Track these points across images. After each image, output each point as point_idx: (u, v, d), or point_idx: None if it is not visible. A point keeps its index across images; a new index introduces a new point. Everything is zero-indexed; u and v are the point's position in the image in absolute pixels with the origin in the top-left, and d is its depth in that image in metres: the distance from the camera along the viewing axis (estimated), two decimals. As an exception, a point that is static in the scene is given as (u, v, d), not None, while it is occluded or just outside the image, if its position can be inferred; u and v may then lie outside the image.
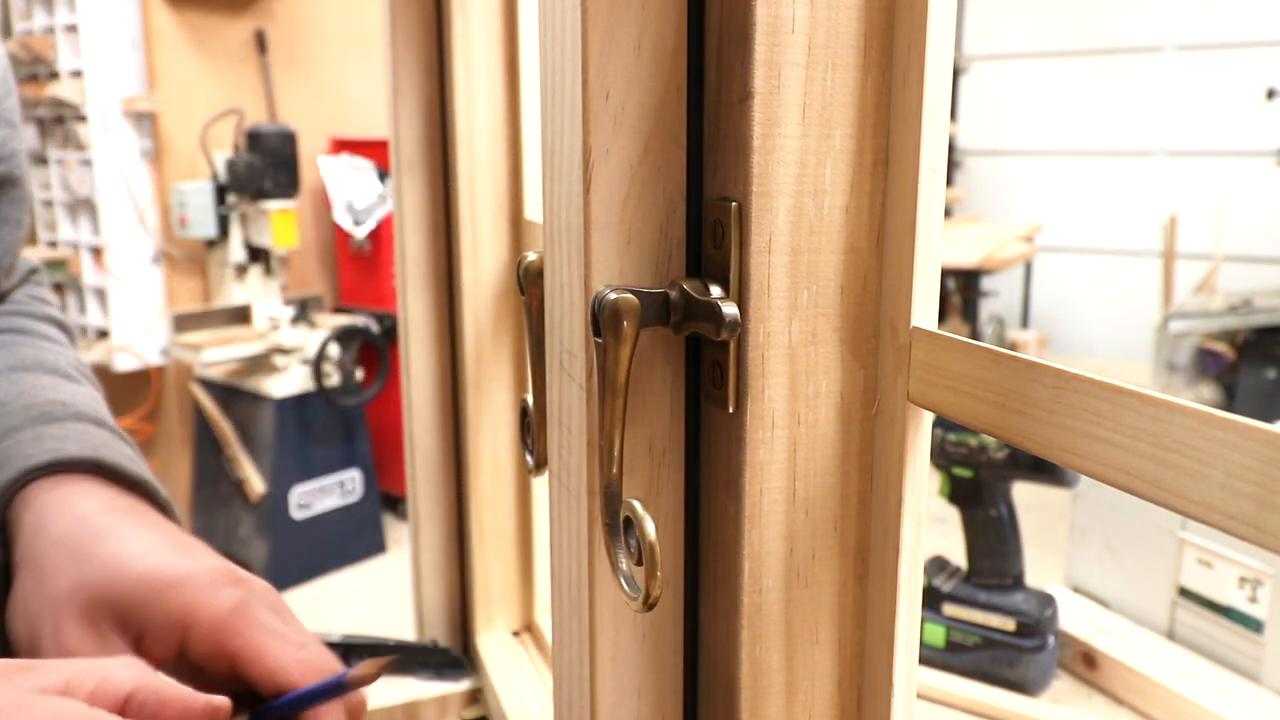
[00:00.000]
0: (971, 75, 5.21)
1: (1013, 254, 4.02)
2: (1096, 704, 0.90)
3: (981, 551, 0.95)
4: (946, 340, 0.34)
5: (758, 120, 0.35)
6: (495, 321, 0.80)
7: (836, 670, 0.41)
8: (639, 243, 0.38)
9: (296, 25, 3.44)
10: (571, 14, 0.36)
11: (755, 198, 0.35)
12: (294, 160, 3.19)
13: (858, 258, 0.37)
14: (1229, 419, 0.25)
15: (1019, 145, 5.14)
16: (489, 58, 0.76)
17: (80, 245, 3.17)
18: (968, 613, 0.93)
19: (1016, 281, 5.03)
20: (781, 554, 0.38)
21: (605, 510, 0.37)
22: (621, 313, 0.36)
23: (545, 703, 0.77)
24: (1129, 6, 4.74)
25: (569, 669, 0.43)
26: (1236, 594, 0.92)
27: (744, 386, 0.37)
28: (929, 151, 0.35)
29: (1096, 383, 0.28)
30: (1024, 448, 0.31)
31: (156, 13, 3.11)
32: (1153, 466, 0.27)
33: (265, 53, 3.36)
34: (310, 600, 2.94)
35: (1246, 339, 3.38)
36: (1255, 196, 4.45)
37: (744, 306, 0.36)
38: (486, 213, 0.78)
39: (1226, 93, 4.52)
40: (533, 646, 0.85)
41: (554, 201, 0.40)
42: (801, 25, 0.34)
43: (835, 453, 0.38)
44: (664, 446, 0.40)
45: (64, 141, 3.18)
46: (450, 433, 0.87)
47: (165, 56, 3.15)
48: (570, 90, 0.37)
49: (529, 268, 0.48)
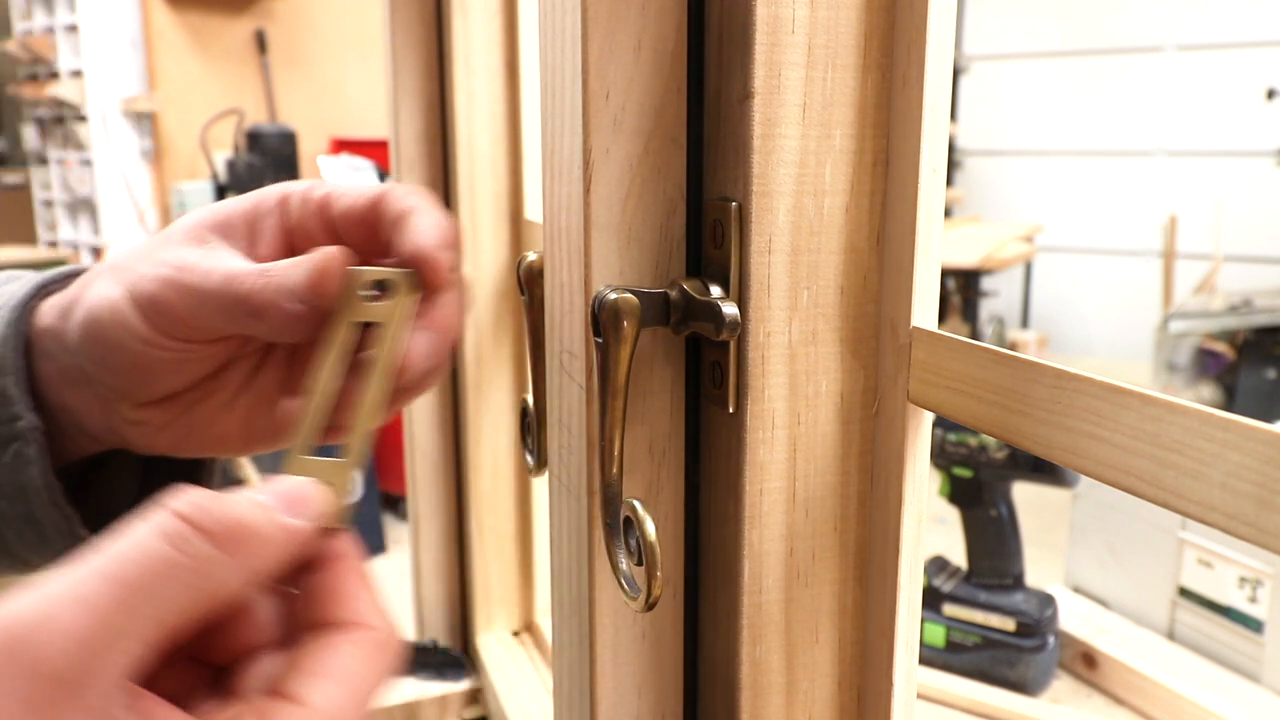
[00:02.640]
0: (971, 75, 5.21)
1: (1013, 254, 4.02)
2: (1096, 704, 0.90)
3: (981, 551, 0.95)
4: (946, 340, 0.34)
5: (758, 120, 0.35)
6: (495, 321, 0.80)
7: (836, 670, 0.41)
8: (639, 243, 0.38)
9: (296, 25, 3.44)
10: (571, 14, 0.36)
11: (755, 198, 0.35)
12: (294, 160, 3.19)
13: (858, 258, 0.37)
14: (1229, 419, 0.25)
15: (1019, 145, 5.14)
16: (489, 58, 0.76)
17: (80, 245, 3.17)
18: (968, 613, 0.93)
19: (1016, 281, 5.03)
20: (781, 554, 0.38)
21: (605, 510, 0.37)
22: (621, 313, 0.36)
23: (545, 703, 0.77)
24: (1129, 6, 4.74)
25: (569, 669, 0.43)
26: (1236, 594, 0.92)
27: (744, 386, 0.37)
28: (929, 151, 0.35)
29: (1096, 383, 0.28)
30: (1024, 448, 0.31)
31: (156, 13, 3.11)
32: (1153, 466, 0.27)
33: (265, 53, 3.36)
34: (310, 600, 2.94)
35: (1246, 339, 3.38)
36: (1255, 196, 4.45)
37: (744, 306, 0.36)
38: (486, 213, 0.78)
39: (1226, 93, 4.51)
40: (533, 646, 0.85)
41: (554, 201, 0.40)
42: (801, 25, 0.35)
43: (835, 453, 0.38)
44: (664, 446, 0.40)
45: (64, 141, 3.18)
46: (450, 433, 0.87)
47: (165, 56, 3.15)
48: (570, 90, 0.37)
49: (529, 268, 0.48)
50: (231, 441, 0.41)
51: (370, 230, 0.38)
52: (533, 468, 0.50)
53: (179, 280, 0.36)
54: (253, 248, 0.39)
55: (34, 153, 3.39)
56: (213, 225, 0.38)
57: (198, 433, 0.40)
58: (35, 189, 3.43)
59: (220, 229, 0.38)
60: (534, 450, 0.50)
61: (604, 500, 0.37)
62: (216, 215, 0.39)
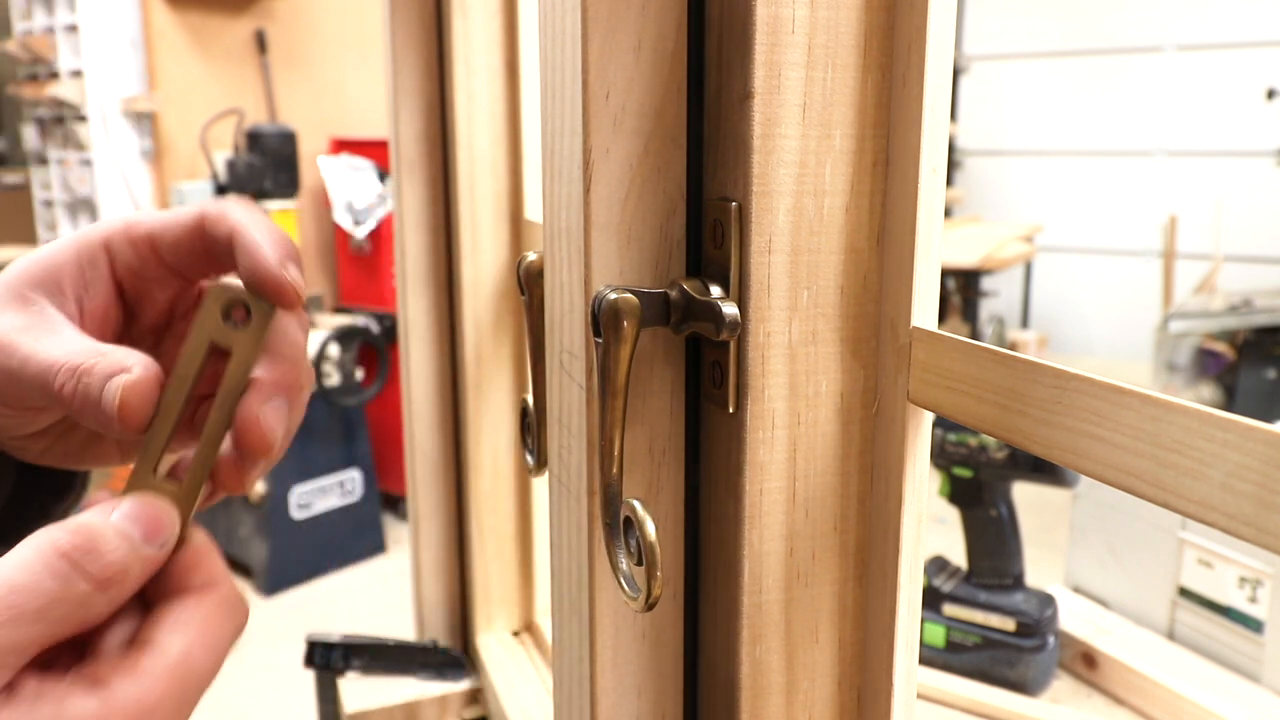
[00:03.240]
0: (971, 75, 5.21)
1: (1013, 254, 4.02)
2: (1096, 704, 0.90)
3: (981, 551, 0.95)
4: (946, 340, 0.34)
5: (758, 120, 0.35)
6: (495, 321, 0.80)
7: (836, 670, 0.41)
8: (639, 242, 0.38)
9: (296, 25, 3.44)
10: (571, 14, 0.36)
11: (755, 198, 0.35)
12: (294, 160, 3.19)
13: (858, 258, 0.37)
14: (1229, 419, 0.25)
15: (1019, 145, 5.14)
16: (489, 58, 0.76)
17: (80, 245, 3.16)
18: (968, 613, 0.93)
19: (1016, 281, 5.03)
20: (781, 554, 0.38)
21: (605, 510, 0.37)
22: (621, 313, 0.36)
23: (545, 703, 0.77)
24: (1129, 6, 4.74)
25: (569, 669, 0.43)
26: (1236, 594, 0.92)
27: (744, 386, 0.37)
28: (929, 151, 0.35)
29: (1096, 383, 0.28)
30: (1024, 448, 0.31)
31: (156, 13, 3.11)
32: (1153, 466, 0.27)
33: (265, 53, 3.36)
34: (310, 600, 2.94)
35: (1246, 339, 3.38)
36: (1255, 196, 4.45)
37: (744, 306, 0.36)
38: (486, 213, 0.78)
39: (1226, 93, 4.51)
40: (533, 646, 0.85)
41: (554, 201, 0.40)
42: (801, 25, 0.35)
43: (835, 453, 0.38)
44: (664, 446, 0.40)
45: (64, 141, 3.18)
46: (450, 433, 0.87)
47: (165, 56, 3.15)
48: (570, 90, 0.37)
49: (529, 268, 0.48)
50: (110, 458, 0.42)
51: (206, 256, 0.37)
52: (533, 468, 0.50)
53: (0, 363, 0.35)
54: (82, 302, 0.37)
55: (34, 153, 3.39)
56: (38, 282, 0.37)
57: (75, 454, 0.41)
58: (35, 189, 3.43)
59: (46, 286, 0.37)
60: (534, 450, 0.50)
61: (604, 500, 0.37)
62: (43, 269, 0.37)
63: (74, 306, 0.37)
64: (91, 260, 0.38)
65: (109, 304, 0.38)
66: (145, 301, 0.40)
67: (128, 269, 0.38)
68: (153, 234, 0.37)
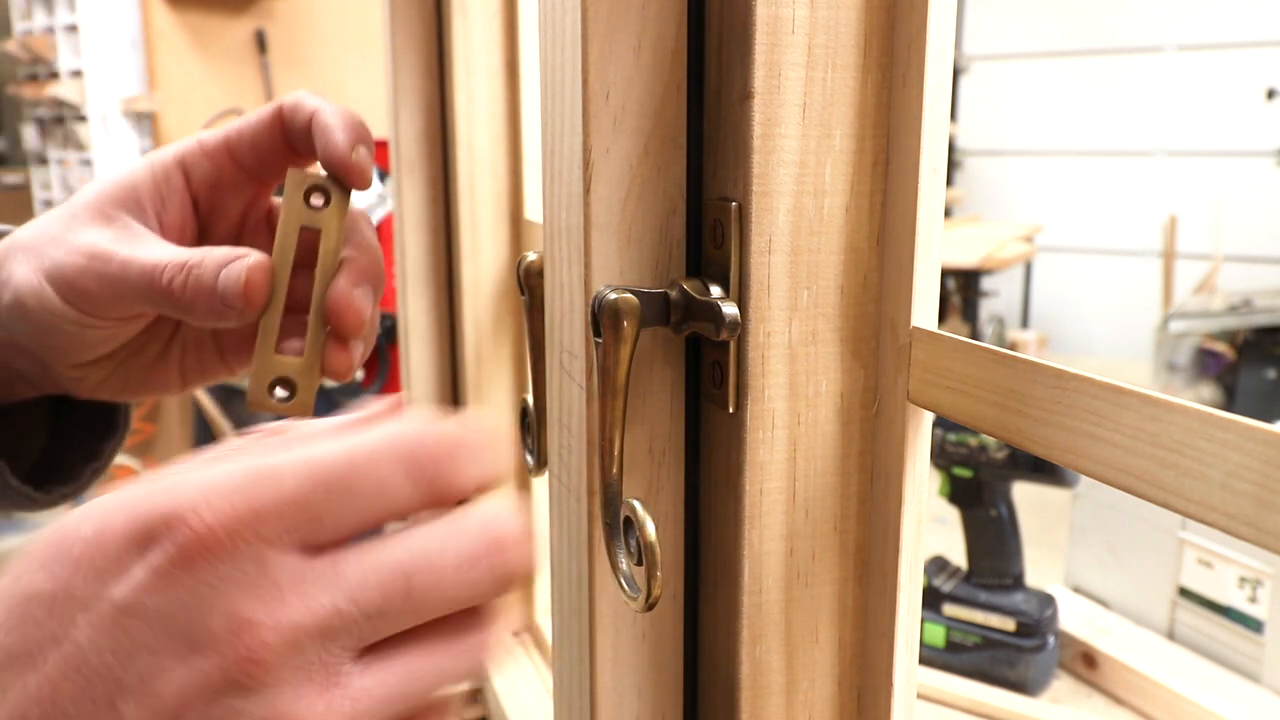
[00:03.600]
0: (971, 75, 5.21)
1: (1013, 254, 4.02)
2: (1096, 704, 0.90)
3: (981, 551, 0.95)
4: (946, 340, 0.34)
5: (758, 120, 0.35)
6: (495, 321, 0.79)
7: (836, 670, 0.41)
8: (639, 243, 0.38)
9: (296, 25, 3.44)
10: (571, 14, 0.36)
11: (755, 198, 0.35)
12: (294, 160, 3.18)
13: (858, 258, 0.37)
14: (1229, 419, 0.25)
15: (1019, 145, 5.14)
16: (489, 58, 0.76)
17: (80, 245, 3.16)
18: (968, 613, 0.93)
19: (1016, 281, 5.03)
20: (781, 554, 0.38)
21: (605, 510, 0.37)
22: (621, 313, 0.36)
23: (545, 703, 0.77)
24: (1129, 6, 4.74)
25: (569, 669, 0.43)
26: (1236, 594, 0.92)
27: (744, 386, 0.37)
28: (929, 151, 0.35)
29: (1096, 383, 0.28)
30: (1024, 448, 0.31)
31: (156, 13, 3.11)
32: (1153, 466, 0.27)
33: (265, 53, 3.36)
34: (310, 600, 2.94)
35: (1246, 339, 3.38)
36: (1255, 196, 4.45)
37: (744, 306, 0.36)
38: (486, 213, 0.78)
39: (1226, 93, 4.51)
40: (533, 646, 0.85)
41: (554, 201, 0.40)
42: (801, 25, 0.35)
43: (835, 453, 0.38)
44: (664, 446, 0.40)
45: (64, 141, 3.18)
46: (450, 433, 0.87)
47: (165, 56, 3.15)
48: (570, 90, 0.37)
49: (529, 268, 0.48)
50: (170, 385, 0.43)
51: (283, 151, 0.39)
52: (533, 468, 0.50)
53: (97, 270, 0.37)
54: (161, 217, 0.39)
55: (34, 153, 3.39)
56: (118, 200, 0.39)
57: (136, 382, 0.42)
58: (35, 189, 3.43)
59: (126, 204, 0.39)
60: (534, 450, 0.50)
61: (604, 500, 0.37)
62: (121, 189, 0.39)
63: (155, 221, 0.39)
64: (166, 177, 0.39)
65: (185, 218, 0.40)
66: (218, 214, 0.41)
67: (203, 181, 0.40)
68: (229, 141, 0.39)
